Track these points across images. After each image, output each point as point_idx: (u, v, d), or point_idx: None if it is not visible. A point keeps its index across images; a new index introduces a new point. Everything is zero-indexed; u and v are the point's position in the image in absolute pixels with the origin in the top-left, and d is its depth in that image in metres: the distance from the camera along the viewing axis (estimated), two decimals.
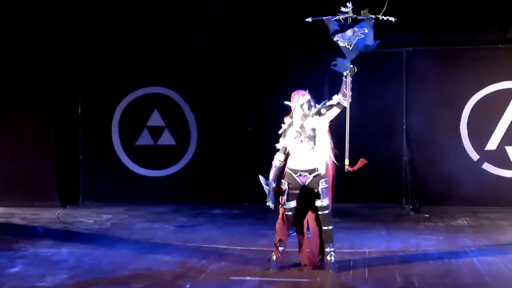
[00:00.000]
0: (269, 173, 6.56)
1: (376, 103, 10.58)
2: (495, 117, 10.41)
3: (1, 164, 10.80)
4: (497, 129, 10.40)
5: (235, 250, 7.46)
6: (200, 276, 6.35)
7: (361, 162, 6.33)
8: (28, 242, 7.86)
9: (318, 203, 6.48)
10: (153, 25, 10.93)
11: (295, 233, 6.69)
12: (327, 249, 6.53)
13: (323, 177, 6.45)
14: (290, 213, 6.51)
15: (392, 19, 6.39)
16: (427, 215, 9.86)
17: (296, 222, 6.62)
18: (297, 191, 6.49)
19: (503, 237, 8.18)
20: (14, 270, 6.57)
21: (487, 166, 10.46)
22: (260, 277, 6.34)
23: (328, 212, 6.49)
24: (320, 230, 6.56)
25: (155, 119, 11.25)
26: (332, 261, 6.49)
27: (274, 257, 6.57)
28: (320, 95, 10.74)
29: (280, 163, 6.57)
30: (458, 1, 10.35)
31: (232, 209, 10.49)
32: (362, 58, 10.79)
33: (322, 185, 6.43)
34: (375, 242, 7.92)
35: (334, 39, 6.26)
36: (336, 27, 6.29)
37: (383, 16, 6.38)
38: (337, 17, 6.33)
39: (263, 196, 6.52)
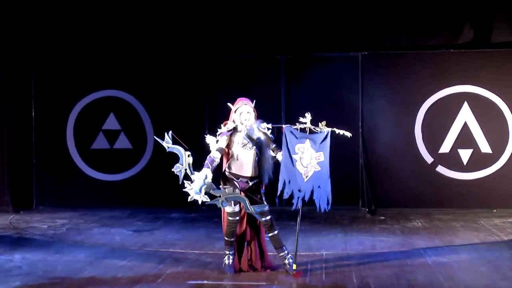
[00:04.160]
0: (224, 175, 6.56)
1: (332, 107, 10.67)
2: (448, 120, 10.61)
3: None
4: (450, 132, 10.61)
5: (192, 254, 7.44)
6: (157, 281, 6.30)
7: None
8: None
9: (258, 209, 6.47)
10: (109, 27, 10.83)
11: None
12: (281, 254, 6.56)
13: (260, 184, 6.51)
14: (236, 217, 6.50)
15: (348, 134, 6.48)
16: (382, 217, 9.99)
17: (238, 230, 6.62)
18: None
19: (456, 238, 8.35)
20: None
21: (440, 169, 10.65)
22: (217, 281, 6.33)
23: (269, 218, 6.52)
24: (259, 236, 6.60)
25: (111, 123, 11.13)
26: (290, 263, 6.51)
27: (227, 261, 6.57)
28: (277, 99, 10.95)
29: (217, 162, 6.55)
30: (411, 6, 10.54)
31: (189, 213, 10.44)
32: (319, 62, 11.01)
33: (260, 193, 6.50)
34: (332, 245, 7.99)
35: (293, 156, 6.32)
36: (294, 137, 6.34)
37: (339, 131, 6.47)
38: (296, 126, 6.42)
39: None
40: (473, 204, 10.47)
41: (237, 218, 6.53)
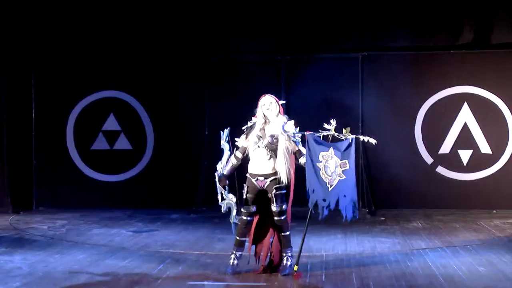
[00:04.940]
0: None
1: (332, 108, 10.67)
2: (448, 121, 10.62)
3: None
4: (450, 133, 10.61)
5: (193, 255, 7.43)
6: (157, 282, 6.30)
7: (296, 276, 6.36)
8: None
9: (273, 208, 6.48)
10: (109, 28, 10.84)
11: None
12: (285, 254, 6.56)
13: (278, 182, 6.43)
14: (249, 218, 6.50)
15: (373, 141, 6.40)
16: (382, 218, 9.99)
17: (258, 227, 6.58)
18: (254, 196, 6.49)
19: (456, 239, 8.35)
20: None
21: (440, 170, 10.65)
22: (217, 281, 6.33)
23: (284, 218, 6.50)
24: (277, 235, 6.57)
25: (111, 123, 11.13)
26: (288, 264, 6.51)
27: (231, 261, 6.56)
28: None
29: (237, 162, 6.56)
30: (411, 7, 10.55)
31: (189, 213, 10.44)
32: (319, 63, 11.01)
33: (275, 190, 6.43)
34: (332, 245, 7.99)
35: (317, 165, 6.24)
36: (317, 144, 6.24)
37: (363, 137, 6.39)
38: (319, 134, 6.34)
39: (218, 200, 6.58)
40: (473, 205, 10.47)
41: (251, 218, 6.49)
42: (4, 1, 10.59)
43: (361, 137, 6.44)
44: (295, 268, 6.46)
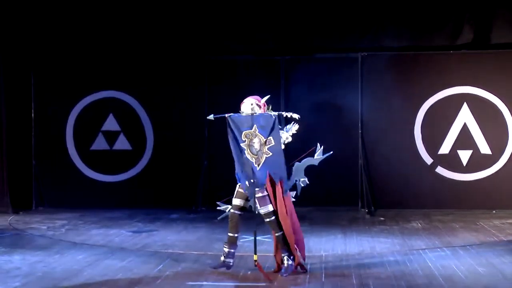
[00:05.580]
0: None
1: (332, 108, 10.69)
2: (448, 121, 10.61)
3: None
4: (450, 133, 10.61)
5: (192, 255, 7.43)
6: (156, 282, 6.30)
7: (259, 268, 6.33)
8: None
9: (260, 211, 6.49)
10: (108, 28, 10.84)
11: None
12: (282, 254, 6.56)
13: (258, 186, 6.42)
14: (234, 211, 6.51)
15: (296, 116, 6.49)
16: (382, 218, 9.99)
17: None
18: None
19: (456, 239, 8.35)
20: None
21: (440, 170, 10.65)
22: (217, 282, 6.33)
23: (273, 219, 6.48)
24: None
25: (111, 124, 11.13)
26: (285, 265, 6.51)
27: (222, 258, 6.59)
28: (277, 100, 10.94)
29: None
30: (411, 7, 10.55)
31: (189, 213, 10.44)
32: (318, 63, 11.01)
33: (257, 193, 6.43)
34: (331, 246, 7.99)
35: (241, 145, 6.30)
36: (239, 124, 6.29)
37: (286, 113, 6.48)
38: (241, 112, 6.41)
39: (219, 200, 6.59)
40: (473, 205, 10.47)
41: (238, 212, 6.50)
42: (4, 2, 10.58)
43: (284, 113, 6.48)
44: (255, 257, 6.37)
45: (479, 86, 10.56)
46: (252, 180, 6.33)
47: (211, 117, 6.54)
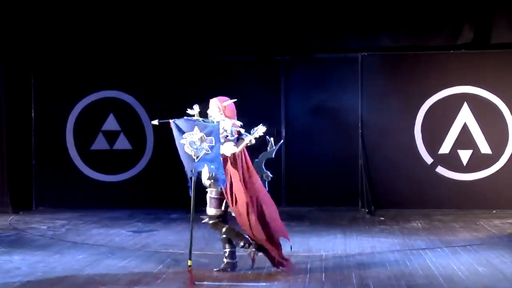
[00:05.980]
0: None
1: (332, 108, 10.69)
2: (448, 121, 10.61)
3: None
4: (450, 133, 10.61)
5: (192, 255, 7.40)
6: (157, 282, 6.30)
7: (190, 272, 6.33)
8: None
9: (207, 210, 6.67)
10: (108, 28, 10.84)
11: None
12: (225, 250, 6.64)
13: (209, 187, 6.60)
14: (213, 221, 6.64)
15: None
16: (382, 218, 9.98)
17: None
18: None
19: (456, 239, 8.34)
20: None
21: (440, 170, 10.65)
22: (217, 282, 6.32)
23: (212, 222, 6.60)
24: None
25: (111, 123, 11.13)
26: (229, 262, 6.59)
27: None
28: (277, 100, 10.95)
29: None
30: (411, 7, 10.55)
31: (188, 213, 10.40)
32: (318, 63, 11.02)
33: (210, 193, 6.64)
34: (331, 245, 7.99)
35: (180, 142, 6.40)
36: (182, 128, 6.43)
37: (229, 122, 6.63)
38: (186, 118, 6.54)
39: None
40: (473, 205, 10.47)
41: (217, 220, 6.60)
42: (4, 1, 10.58)
43: (227, 122, 6.58)
44: (189, 263, 6.32)
45: (479, 86, 10.55)
46: (191, 170, 6.44)
47: (155, 122, 6.65)
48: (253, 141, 6.60)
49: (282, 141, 6.70)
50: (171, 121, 6.45)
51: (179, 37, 10.85)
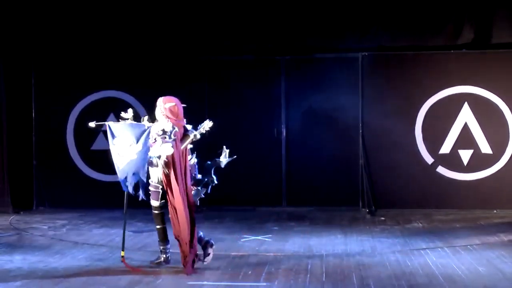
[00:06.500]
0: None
1: (332, 108, 10.69)
2: (449, 121, 10.61)
3: None
4: (451, 133, 10.60)
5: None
6: (157, 282, 6.30)
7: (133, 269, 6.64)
8: None
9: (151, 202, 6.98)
10: (109, 28, 10.84)
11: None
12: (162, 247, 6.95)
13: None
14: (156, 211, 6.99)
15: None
16: (382, 218, 9.98)
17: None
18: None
19: (456, 239, 8.34)
20: None
21: (441, 170, 10.64)
22: (217, 281, 6.33)
23: (154, 212, 6.95)
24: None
25: None
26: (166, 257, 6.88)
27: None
28: (277, 100, 10.95)
29: None
30: (411, 7, 10.54)
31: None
32: (318, 63, 11.02)
33: (151, 187, 6.94)
34: (332, 246, 7.99)
35: (111, 146, 6.72)
36: (115, 131, 6.72)
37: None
38: (121, 121, 6.74)
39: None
40: (474, 205, 10.46)
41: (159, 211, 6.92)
42: (4, 1, 10.58)
43: (160, 125, 6.71)
44: (122, 253, 6.69)
45: (480, 85, 10.55)
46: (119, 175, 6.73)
47: (92, 124, 6.95)
48: (198, 136, 6.87)
49: (235, 156, 7.05)
50: (107, 123, 6.77)
51: (180, 37, 10.85)
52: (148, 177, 6.78)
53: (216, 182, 7.00)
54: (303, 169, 10.87)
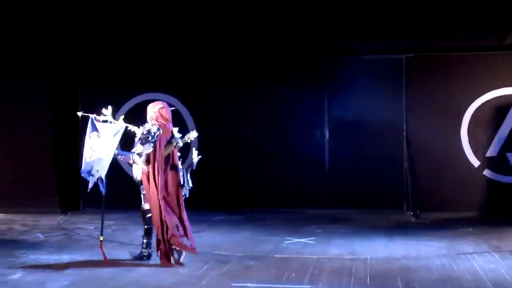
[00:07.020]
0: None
1: (377, 110, 10.61)
2: (496, 123, 10.42)
3: (1, 170, 10.81)
4: (498, 135, 10.41)
5: (236, 257, 7.46)
6: (201, 283, 6.35)
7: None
8: (29, 249, 7.86)
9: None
10: (149, 31, 10.93)
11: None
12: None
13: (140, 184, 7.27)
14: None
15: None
16: (427, 221, 9.86)
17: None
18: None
19: (504, 243, 8.17)
20: (15, 277, 6.57)
21: (488, 173, 10.46)
22: (262, 283, 6.34)
23: (147, 216, 7.30)
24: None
25: None
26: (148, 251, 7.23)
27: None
28: (320, 102, 10.92)
29: None
30: (457, 7, 10.38)
31: (232, 215, 10.46)
32: (363, 64, 10.94)
33: (142, 190, 7.38)
34: (376, 249, 7.93)
35: (86, 139, 7.03)
36: (94, 126, 6.99)
37: (131, 127, 7.12)
38: (101, 118, 7.06)
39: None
40: None
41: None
42: (52, 14, 10.76)
43: (129, 127, 7.06)
44: (101, 238, 7.19)
45: None
46: (82, 169, 7.05)
47: (79, 114, 7.45)
48: (180, 145, 7.15)
49: (200, 156, 7.39)
50: (91, 116, 7.04)
51: (186, 39, 10.82)
52: (141, 183, 7.30)
53: (191, 186, 7.37)
54: (346, 172, 10.81)
